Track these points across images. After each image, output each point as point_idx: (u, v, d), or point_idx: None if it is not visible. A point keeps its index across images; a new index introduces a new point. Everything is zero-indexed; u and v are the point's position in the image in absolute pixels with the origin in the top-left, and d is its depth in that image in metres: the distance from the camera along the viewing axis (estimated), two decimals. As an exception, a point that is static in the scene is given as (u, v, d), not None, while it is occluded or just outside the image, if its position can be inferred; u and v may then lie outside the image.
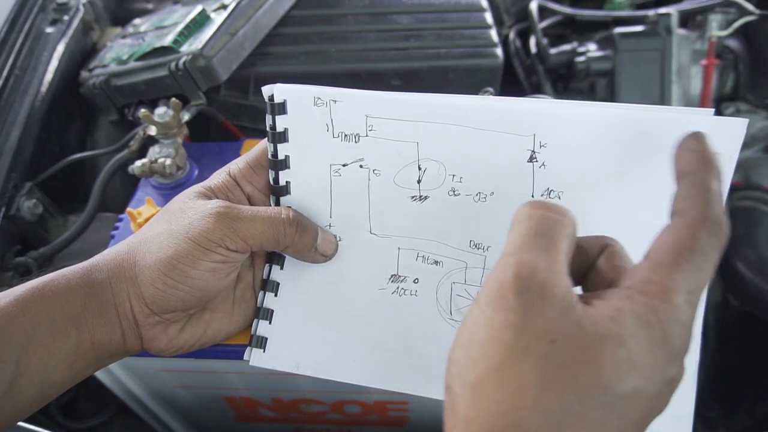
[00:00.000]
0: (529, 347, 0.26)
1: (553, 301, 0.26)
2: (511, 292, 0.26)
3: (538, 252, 0.27)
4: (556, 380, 0.25)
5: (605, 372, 0.25)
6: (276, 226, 0.41)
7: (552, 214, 0.29)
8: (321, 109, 0.42)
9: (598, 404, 0.25)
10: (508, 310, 0.26)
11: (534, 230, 0.28)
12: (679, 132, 0.38)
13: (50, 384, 0.38)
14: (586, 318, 0.26)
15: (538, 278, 0.27)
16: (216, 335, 0.44)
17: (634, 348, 0.26)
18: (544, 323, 0.26)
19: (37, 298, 0.38)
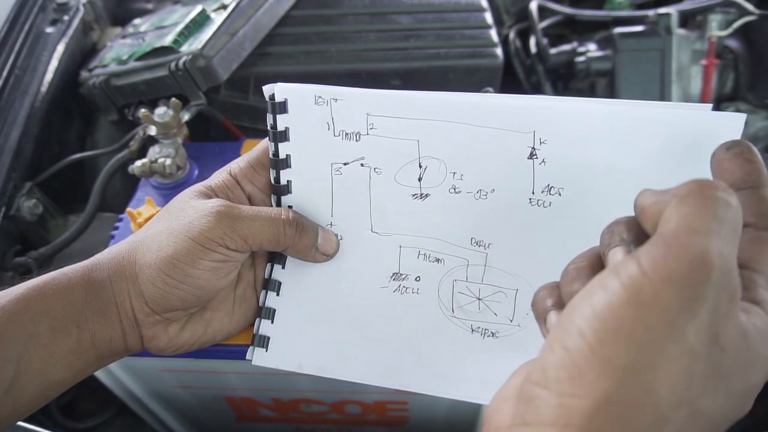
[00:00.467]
0: (705, 349, 0.24)
1: (735, 308, 0.25)
2: (708, 283, 0.23)
3: (732, 248, 0.24)
4: (716, 390, 0.24)
5: (750, 391, 0.26)
6: (276, 227, 0.41)
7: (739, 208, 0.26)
8: (322, 108, 0.42)
9: (728, 419, 0.26)
10: (695, 301, 0.23)
11: (731, 221, 0.25)
12: (678, 127, 0.38)
13: (51, 382, 0.38)
14: (750, 332, 0.25)
15: (734, 281, 0.24)
16: (216, 334, 0.44)
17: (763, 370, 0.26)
18: (724, 329, 0.24)
19: (38, 296, 0.38)
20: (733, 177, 0.31)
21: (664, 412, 0.23)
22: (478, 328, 0.44)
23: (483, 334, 0.44)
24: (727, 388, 0.25)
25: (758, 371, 0.25)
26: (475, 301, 0.44)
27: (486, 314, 0.43)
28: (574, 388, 0.24)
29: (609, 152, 0.39)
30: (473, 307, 0.44)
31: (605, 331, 0.24)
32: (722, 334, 0.24)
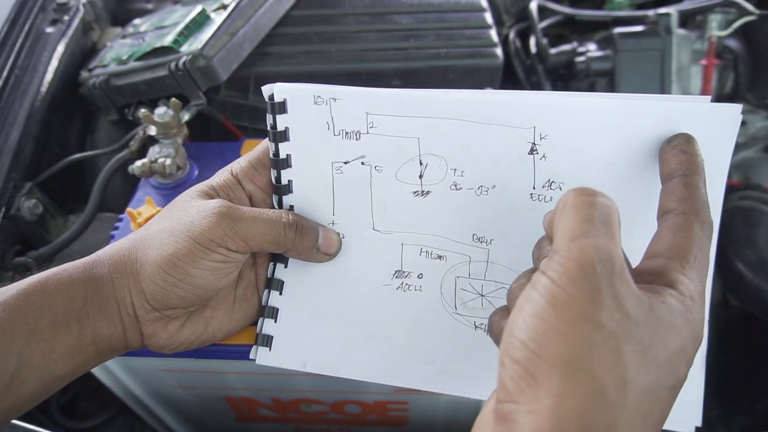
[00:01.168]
0: (620, 327, 0.27)
1: (629, 287, 0.28)
2: (594, 274, 0.27)
3: (608, 238, 0.28)
4: (645, 362, 0.27)
5: (674, 358, 0.29)
6: (277, 229, 0.41)
7: (607, 201, 0.30)
8: (321, 108, 0.42)
9: (668, 387, 0.29)
10: (596, 291, 0.27)
11: (597, 216, 0.29)
12: (676, 119, 0.38)
13: (52, 377, 0.38)
14: (655, 305, 0.29)
15: (616, 263, 0.28)
16: (216, 333, 0.44)
17: (686, 339, 0.29)
18: (628, 307, 0.27)
19: (39, 291, 0.38)
20: (668, 167, 0.36)
21: (613, 397, 0.26)
22: (481, 325, 0.44)
23: (486, 331, 0.44)
24: (654, 357, 0.28)
25: (674, 339, 0.29)
26: (478, 297, 0.44)
27: (489, 310, 0.44)
28: (535, 393, 0.27)
29: (609, 146, 0.39)
30: (476, 303, 0.44)
31: (540, 335, 0.27)
32: (630, 310, 0.27)
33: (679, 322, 0.29)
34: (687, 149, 0.36)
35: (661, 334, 0.28)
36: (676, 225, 0.33)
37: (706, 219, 0.33)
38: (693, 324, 0.30)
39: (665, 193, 0.35)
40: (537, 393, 0.26)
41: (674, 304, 0.29)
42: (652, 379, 0.27)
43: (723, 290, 0.87)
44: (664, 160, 0.36)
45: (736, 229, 0.82)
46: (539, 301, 0.28)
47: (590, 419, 0.25)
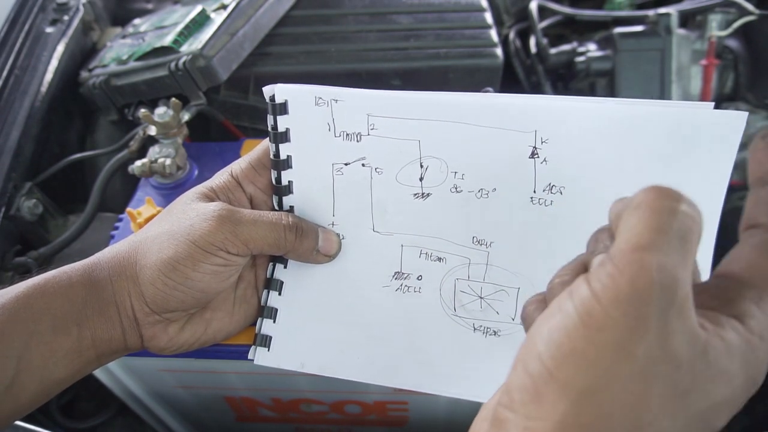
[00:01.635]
0: (657, 367, 0.23)
1: (686, 323, 0.24)
2: (648, 300, 0.23)
3: (679, 259, 0.23)
4: (675, 410, 0.24)
5: (714, 409, 0.25)
6: (277, 232, 0.41)
7: (692, 211, 0.25)
8: (322, 109, 0.42)
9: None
10: (644, 320, 0.23)
11: (676, 228, 0.24)
12: (679, 125, 0.38)
13: (51, 380, 0.38)
14: (710, 347, 0.24)
15: (679, 293, 0.23)
16: (216, 334, 0.44)
17: (737, 387, 0.25)
18: (676, 345, 0.23)
19: (39, 294, 0.38)
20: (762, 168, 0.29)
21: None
22: (480, 327, 0.44)
23: (485, 333, 0.44)
24: (687, 407, 0.24)
25: (721, 388, 0.24)
26: (477, 299, 0.44)
27: (488, 313, 0.44)
28: (537, 411, 0.24)
29: (610, 151, 0.39)
30: (475, 305, 0.44)
31: (561, 355, 0.24)
32: (676, 350, 0.23)
33: (734, 368, 0.25)
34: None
35: (707, 381, 0.24)
36: (765, 244, 0.27)
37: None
38: (754, 367, 0.25)
39: (755, 202, 0.29)
40: (539, 411, 0.24)
41: (735, 342, 0.25)
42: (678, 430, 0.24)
43: (723, 290, 0.86)
44: (758, 160, 0.30)
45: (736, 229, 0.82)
46: (572, 315, 0.24)
47: None
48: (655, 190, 0.25)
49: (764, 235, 0.28)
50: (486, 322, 0.44)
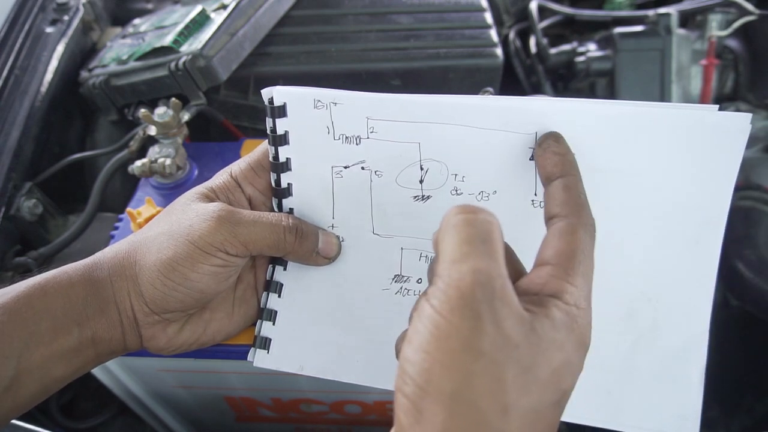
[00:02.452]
0: (501, 353, 0.27)
1: (511, 307, 0.28)
2: (474, 300, 0.27)
3: (487, 258, 0.28)
4: (526, 384, 0.27)
5: (557, 374, 0.29)
6: (277, 233, 0.41)
7: (487, 217, 0.30)
8: (321, 112, 0.42)
9: (552, 403, 0.29)
10: (476, 318, 0.27)
11: (476, 235, 0.29)
12: (683, 128, 0.38)
13: (51, 380, 0.38)
14: (537, 323, 0.29)
15: (496, 285, 0.28)
16: (215, 335, 0.44)
17: (569, 350, 0.30)
18: (509, 329, 0.27)
19: (39, 294, 0.38)
20: (545, 171, 0.36)
21: (496, 425, 0.26)
22: None
23: None
24: (536, 378, 0.28)
25: (556, 354, 0.29)
26: None
27: None
28: (423, 427, 0.27)
29: (612, 153, 0.39)
30: None
31: (426, 370, 0.27)
32: (510, 334, 0.27)
33: (562, 336, 0.29)
34: (558, 150, 0.36)
35: (543, 352, 0.28)
36: (561, 230, 0.33)
37: (588, 220, 0.34)
38: (578, 332, 0.30)
39: (547, 197, 0.35)
40: (424, 427, 0.26)
41: (558, 316, 0.30)
42: (535, 400, 0.28)
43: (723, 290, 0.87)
44: (540, 164, 0.37)
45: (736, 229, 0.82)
46: (424, 333, 0.28)
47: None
48: (454, 209, 0.30)
49: (559, 222, 0.33)
50: None
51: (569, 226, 0.33)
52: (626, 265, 0.41)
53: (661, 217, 0.40)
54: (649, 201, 0.40)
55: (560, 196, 0.35)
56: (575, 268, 0.32)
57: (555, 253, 0.32)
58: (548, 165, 0.36)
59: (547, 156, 0.37)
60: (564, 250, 0.32)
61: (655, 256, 0.41)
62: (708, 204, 0.40)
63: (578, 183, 0.35)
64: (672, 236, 0.41)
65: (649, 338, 0.42)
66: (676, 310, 0.42)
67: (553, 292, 0.31)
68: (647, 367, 0.42)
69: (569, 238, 0.33)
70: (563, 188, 0.35)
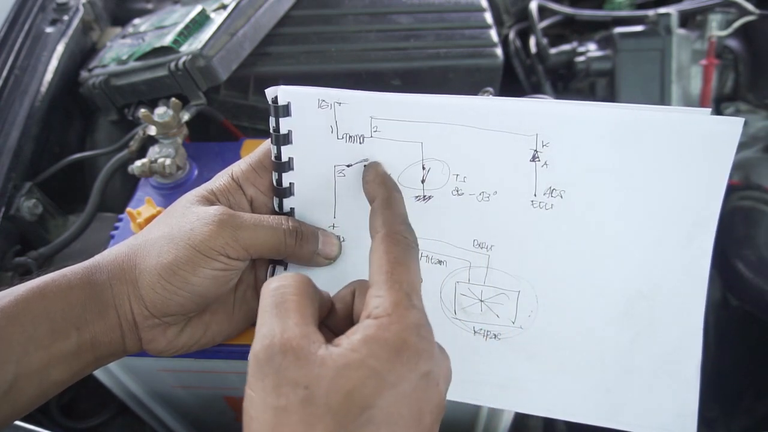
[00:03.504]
0: (289, 400, 0.29)
1: (296, 353, 0.30)
2: (261, 362, 0.30)
3: (274, 320, 0.31)
4: (318, 418, 0.28)
5: (356, 394, 0.29)
6: (277, 237, 0.41)
7: (282, 282, 0.33)
8: (325, 111, 0.42)
9: (361, 423, 0.29)
10: (265, 377, 0.29)
11: (271, 303, 0.32)
12: (678, 131, 0.39)
13: (50, 383, 0.38)
14: (328, 356, 0.30)
15: (277, 342, 0.30)
16: (215, 337, 0.44)
17: (375, 364, 0.30)
18: (294, 375, 0.29)
19: (38, 298, 0.38)
20: (367, 197, 0.40)
21: None
22: (480, 330, 0.44)
23: (485, 336, 0.44)
24: (328, 408, 0.29)
25: (352, 373, 0.29)
26: (478, 302, 0.44)
27: (488, 316, 0.44)
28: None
29: (610, 155, 0.40)
30: (475, 308, 0.44)
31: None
32: (296, 378, 0.29)
33: (363, 353, 0.30)
34: (370, 178, 0.40)
35: (335, 378, 0.29)
36: (374, 246, 0.36)
37: (394, 229, 0.36)
38: (391, 339, 0.30)
39: (371, 215, 0.38)
40: None
41: (360, 335, 0.31)
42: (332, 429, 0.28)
43: (723, 290, 0.87)
44: (366, 195, 0.41)
45: (736, 229, 0.82)
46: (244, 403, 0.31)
47: None
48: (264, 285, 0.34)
49: (374, 240, 0.36)
50: (486, 325, 0.44)
51: (376, 241, 0.36)
52: (623, 263, 0.42)
53: (656, 217, 0.41)
54: (644, 201, 0.41)
55: (372, 217, 0.38)
56: (385, 279, 0.33)
57: (372, 270, 0.34)
58: (367, 193, 0.40)
59: (365, 187, 0.41)
60: (376, 264, 0.34)
61: (650, 255, 0.42)
62: (700, 205, 0.41)
63: (383, 201, 0.38)
64: (666, 236, 0.41)
65: (647, 336, 0.43)
66: (672, 307, 0.42)
67: (369, 311, 0.32)
68: (645, 365, 0.43)
69: (375, 253, 0.35)
70: (372, 210, 0.38)
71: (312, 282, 0.35)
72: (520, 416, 0.72)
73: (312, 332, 0.31)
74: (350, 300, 0.37)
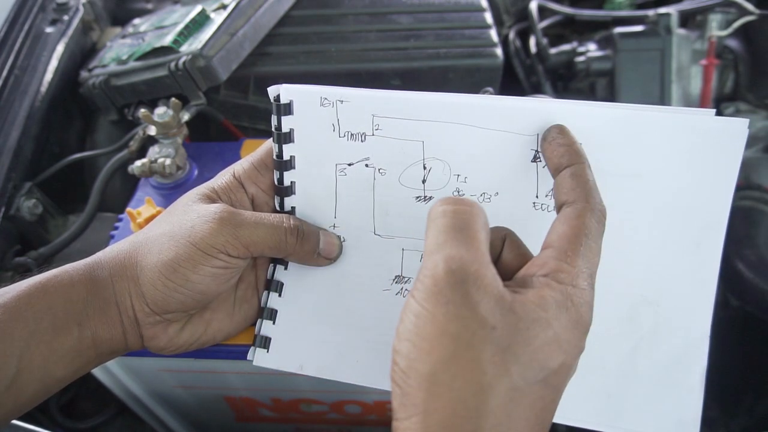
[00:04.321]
0: (476, 335, 0.28)
1: (486, 289, 0.29)
2: (447, 286, 0.29)
3: (462, 245, 0.30)
4: (504, 363, 0.28)
5: (540, 352, 0.29)
6: (278, 235, 0.41)
7: (464, 207, 0.32)
8: (327, 109, 0.42)
9: (538, 381, 0.29)
10: (448, 303, 0.28)
11: (452, 225, 0.31)
12: (681, 132, 0.38)
13: (52, 379, 0.38)
14: (517, 304, 0.30)
15: (469, 270, 0.29)
16: (216, 335, 0.44)
17: (558, 329, 0.30)
18: (484, 312, 0.29)
19: (40, 294, 0.38)
20: (553, 162, 0.37)
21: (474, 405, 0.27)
22: None
23: None
24: (516, 357, 0.28)
25: (540, 333, 0.29)
26: None
27: None
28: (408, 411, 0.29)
29: (613, 156, 0.39)
30: None
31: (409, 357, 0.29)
32: (485, 316, 0.28)
33: (549, 315, 0.30)
34: (564, 141, 0.37)
35: (523, 331, 0.29)
36: (567, 215, 0.34)
37: (596, 205, 0.34)
38: (573, 311, 0.31)
39: (556, 187, 0.36)
40: (409, 411, 0.28)
41: (548, 295, 0.30)
42: (515, 379, 0.28)
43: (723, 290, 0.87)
44: (548, 157, 0.38)
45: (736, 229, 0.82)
46: (407, 323, 0.30)
47: (454, 430, 0.27)
48: (436, 203, 0.32)
49: (566, 208, 0.34)
50: None
51: (575, 211, 0.34)
52: (628, 268, 0.41)
53: (662, 220, 0.41)
54: (650, 204, 0.40)
55: (568, 184, 0.35)
56: (575, 249, 0.32)
57: (557, 236, 0.33)
58: (555, 156, 0.37)
59: (553, 148, 0.37)
60: (566, 233, 0.33)
61: (656, 260, 0.41)
62: (708, 207, 0.40)
63: (586, 170, 0.36)
64: (673, 239, 0.41)
65: (650, 342, 0.42)
66: (677, 313, 0.42)
67: (548, 272, 0.32)
68: (648, 370, 0.42)
69: (573, 222, 0.33)
70: (570, 176, 0.35)
71: (486, 213, 0.33)
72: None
73: (495, 272, 0.31)
74: (498, 245, 0.37)
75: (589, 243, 0.33)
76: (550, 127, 0.38)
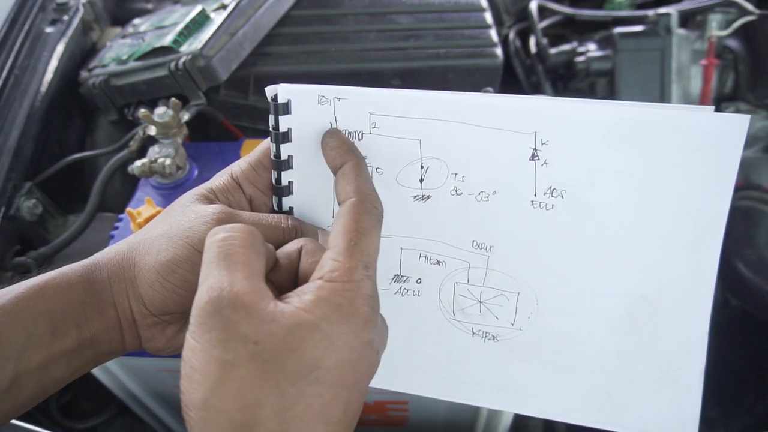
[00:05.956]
0: (239, 355, 0.29)
1: (247, 308, 0.30)
2: (208, 315, 0.29)
3: (223, 271, 0.31)
4: (269, 374, 0.29)
5: (307, 354, 0.29)
6: (276, 235, 0.41)
7: (231, 233, 0.33)
8: (325, 108, 0.42)
9: (309, 382, 0.29)
10: (212, 330, 0.29)
11: (217, 254, 0.32)
12: (681, 129, 0.38)
13: (50, 381, 0.38)
14: (279, 314, 0.30)
15: (227, 294, 0.30)
16: (215, 335, 0.44)
17: (328, 327, 0.30)
18: (244, 330, 0.29)
19: (38, 295, 0.38)
20: (331, 169, 0.39)
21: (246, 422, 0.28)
22: (479, 331, 0.44)
23: (484, 338, 0.43)
24: (280, 367, 0.29)
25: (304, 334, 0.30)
26: (476, 303, 0.44)
27: (487, 317, 0.43)
28: None
29: (611, 154, 0.39)
30: (474, 310, 0.44)
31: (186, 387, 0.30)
32: (246, 333, 0.29)
33: (314, 316, 0.30)
34: (334, 144, 0.39)
35: (288, 337, 0.29)
36: (339, 214, 0.35)
37: (365, 197, 0.35)
38: (345, 305, 0.31)
39: (336, 185, 0.37)
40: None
41: (316, 296, 0.31)
42: (282, 386, 0.29)
43: (723, 290, 0.87)
44: (328, 164, 0.39)
45: (736, 229, 0.82)
46: (184, 358, 0.30)
47: None
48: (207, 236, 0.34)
49: (340, 207, 0.35)
50: (485, 326, 0.43)
51: (345, 208, 0.35)
52: (626, 266, 0.41)
53: (661, 219, 0.40)
54: (648, 202, 0.40)
55: (339, 184, 0.37)
56: (346, 245, 0.33)
57: (333, 236, 0.34)
58: (330, 161, 0.39)
59: (326, 154, 0.39)
60: (338, 231, 0.34)
61: (655, 258, 0.41)
62: (707, 206, 0.40)
63: (354, 167, 0.37)
64: (671, 238, 0.41)
65: (649, 341, 0.42)
66: (676, 312, 0.42)
67: (323, 273, 0.32)
68: (647, 369, 0.42)
69: (344, 219, 0.34)
70: (340, 175, 0.37)
71: (260, 235, 0.34)
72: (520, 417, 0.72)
73: (262, 288, 0.31)
74: (296, 258, 0.37)
75: (360, 237, 0.34)
76: (325, 134, 0.40)
